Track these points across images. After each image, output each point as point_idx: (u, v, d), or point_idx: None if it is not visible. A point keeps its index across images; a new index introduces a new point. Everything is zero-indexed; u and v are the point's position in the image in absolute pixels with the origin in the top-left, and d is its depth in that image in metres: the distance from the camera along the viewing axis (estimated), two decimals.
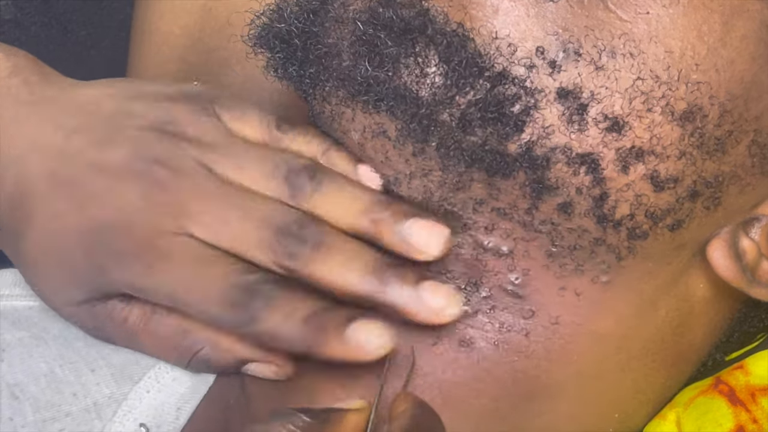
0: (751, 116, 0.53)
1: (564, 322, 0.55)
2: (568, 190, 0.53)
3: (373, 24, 0.52)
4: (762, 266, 0.56)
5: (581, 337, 0.55)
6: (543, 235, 0.54)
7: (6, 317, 0.60)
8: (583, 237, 0.54)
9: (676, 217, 0.54)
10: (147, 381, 0.58)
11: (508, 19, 0.51)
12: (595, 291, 0.55)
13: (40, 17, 0.83)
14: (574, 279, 0.55)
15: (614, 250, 0.54)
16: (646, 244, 0.54)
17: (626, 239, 0.54)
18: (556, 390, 0.56)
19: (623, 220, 0.53)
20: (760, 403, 0.58)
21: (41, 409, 0.57)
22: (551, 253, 0.54)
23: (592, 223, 0.53)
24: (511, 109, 0.51)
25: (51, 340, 0.59)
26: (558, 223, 0.54)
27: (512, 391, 0.55)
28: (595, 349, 0.56)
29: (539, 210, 0.53)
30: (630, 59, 0.51)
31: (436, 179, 0.54)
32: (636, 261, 0.55)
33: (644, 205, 0.53)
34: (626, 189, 0.53)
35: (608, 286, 0.55)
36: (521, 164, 0.52)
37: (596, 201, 0.53)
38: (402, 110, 0.52)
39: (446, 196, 0.54)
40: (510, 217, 0.54)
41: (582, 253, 0.54)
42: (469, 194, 0.54)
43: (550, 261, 0.55)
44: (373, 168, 0.55)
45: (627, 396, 0.58)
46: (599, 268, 0.55)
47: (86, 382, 0.58)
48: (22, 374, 0.58)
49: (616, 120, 0.52)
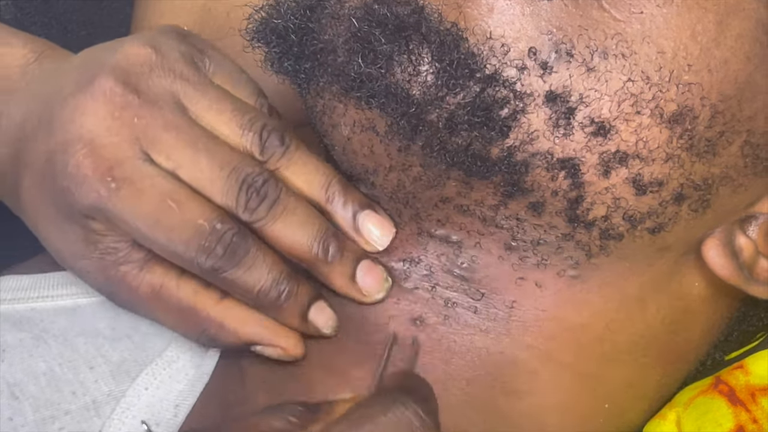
0: (744, 117, 0.53)
1: (522, 307, 0.55)
2: (542, 193, 0.53)
3: (368, 21, 0.52)
4: (759, 264, 0.56)
5: (545, 322, 0.56)
6: (503, 230, 0.54)
7: (7, 319, 0.60)
8: (550, 233, 0.54)
9: (658, 220, 0.54)
10: (145, 378, 0.58)
11: (503, 18, 0.51)
12: (561, 283, 0.55)
13: (40, 17, 0.83)
14: (535, 271, 0.55)
15: (584, 247, 0.54)
16: (621, 245, 0.54)
17: (598, 238, 0.54)
18: (530, 372, 0.56)
19: (596, 221, 0.53)
20: (760, 403, 0.57)
21: (41, 408, 0.57)
22: (510, 246, 0.55)
23: (563, 222, 0.54)
24: (498, 113, 0.51)
25: (51, 339, 0.59)
26: (524, 219, 0.54)
27: (483, 370, 0.56)
28: (564, 335, 0.56)
29: (507, 207, 0.54)
30: (622, 60, 0.51)
31: (413, 174, 0.54)
32: (610, 260, 0.55)
33: (622, 208, 0.53)
34: (605, 192, 0.53)
35: (577, 280, 0.55)
36: (500, 168, 0.52)
37: (570, 203, 0.53)
38: (392, 108, 0.52)
39: (415, 191, 0.55)
40: (471, 213, 0.54)
41: (546, 248, 0.54)
42: (439, 192, 0.54)
43: (507, 253, 0.55)
44: (354, 159, 0.55)
45: (618, 389, 0.58)
46: (566, 263, 0.55)
47: (85, 380, 0.58)
48: (21, 374, 0.58)
49: (602, 124, 0.51)
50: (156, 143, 0.54)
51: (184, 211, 0.54)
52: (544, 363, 0.56)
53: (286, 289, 0.55)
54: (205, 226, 0.54)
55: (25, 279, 0.62)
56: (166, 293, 0.56)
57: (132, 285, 0.56)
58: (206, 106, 0.56)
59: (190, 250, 0.54)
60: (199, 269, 0.54)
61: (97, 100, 0.55)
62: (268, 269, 0.55)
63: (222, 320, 0.56)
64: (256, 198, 0.54)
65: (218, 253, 0.54)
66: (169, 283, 0.56)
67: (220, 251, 0.54)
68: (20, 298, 0.61)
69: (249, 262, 0.54)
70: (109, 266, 0.56)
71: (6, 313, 0.60)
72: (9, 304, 0.61)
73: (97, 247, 0.56)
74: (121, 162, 0.54)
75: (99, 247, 0.55)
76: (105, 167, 0.54)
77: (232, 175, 0.54)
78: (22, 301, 0.61)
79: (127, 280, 0.56)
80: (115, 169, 0.54)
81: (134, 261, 0.56)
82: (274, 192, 0.55)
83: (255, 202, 0.54)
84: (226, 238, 0.54)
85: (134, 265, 0.56)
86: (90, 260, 0.56)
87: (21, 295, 0.61)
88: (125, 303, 0.57)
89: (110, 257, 0.56)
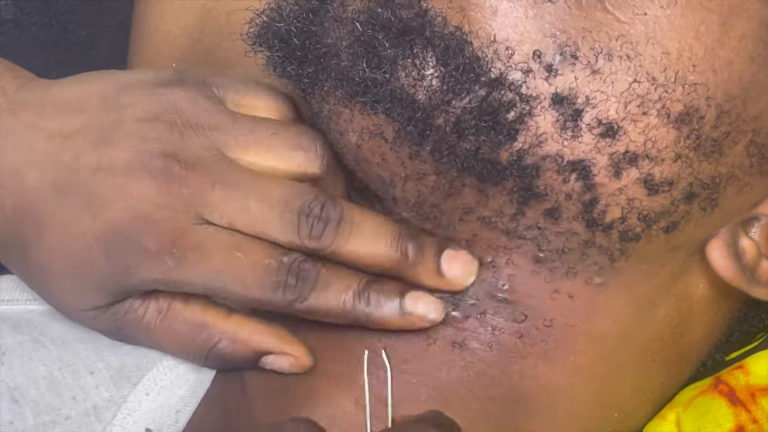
0: (750, 116, 0.53)
1: (558, 325, 0.55)
2: (556, 197, 0.53)
3: (372, 24, 0.52)
4: (762, 266, 0.56)
5: (577, 337, 0.56)
6: (528, 241, 0.54)
7: (6, 321, 0.60)
8: (572, 240, 0.54)
9: (671, 219, 0.54)
10: (146, 383, 0.58)
11: (507, 21, 0.51)
12: (589, 292, 0.55)
13: (40, 17, 0.82)
14: (566, 281, 0.55)
15: (606, 252, 0.54)
16: (639, 246, 0.54)
17: (618, 241, 0.54)
18: (552, 390, 0.56)
19: (614, 223, 0.53)
20: (760, 403, 0.57)
21: (41, 413, 0.57)
22: (538, 258, 0.55)
23: (581, 227, 0.53)
24: (505, 117, 0.51)
25: (50, 343, 0.59)
26: (545, 227, 0.54)
27: (508, 391, 0.56)
28: (591, 349, 0.56)
29: (525, 216, 0.53)
30: (626, 62, 0.51)
31: (430, 183, 0.54)
32: (630, 263, 0.55)
33: (636, 208, 0.53)
34: (618, 194, 0.53)
35: (602, 287, 0.55)
36: (511, 172, 0.52)
37: (585, 206, 0.53)
38: (398, 113, 0.52)
39: (438, 202, 0.54)
40: (494, 225, 0.54)
41: (572, 256, 0.54)
42: (460, 201, 0.54)
43: (538, 266, 0.55)
44: (368, 168, 0.55)
45: (627, 396, 0.58)
46: (592, 270, 0.55)
47: (85, 385, 0.58)
48: (22, 377, 0.58)
49: (610, 125, 0.51)
50: (207, 205, 0.54)
51: (251, 257, 0.54)
52: (571, 379, 0.56)
53: (373, 293, 0.55)
54: (273, 264, 0.54)
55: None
56: (173, 314, 0.56)
57: (138, 316, 0.56)
58: (243, 144, 0.56)
59: (266, 292, 0.54)
60: (280, 306, 0.55)
61: (142, 181, 0.54)
62: (346, 283, 0.55)
63: (234, 332, 0.56)
64: (319, 224, 0.54)
65: (291, 284, 0.54)
66: (176, 305, 0.56)
67: (293, 281, 0.54)
68: (18, 299, 0.61)
69: (324, 282, 0.54)
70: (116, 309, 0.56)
71: (5, 315, 0.60)
72: (7, 305, 0.61)
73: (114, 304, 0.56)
74: (181, 232, 0.54)
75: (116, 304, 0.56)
76: (167, 241, 0.54)
77: (286, 209, 0.54)
78: (21, 303, 0.61)
79: (132, 311, 0.56)
80: (177, 241, 0.54)
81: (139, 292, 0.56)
82: (335, 212, 0.54)
83: (318, 229, 0.54)
84: (294, 267, 0.54)
85: (138, 295, 0.56)
86: (96, 311, 0.56)
87: (18, 296, 0.61)
88: (130, 334, 0.57)
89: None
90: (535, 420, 0.56)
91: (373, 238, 0.55)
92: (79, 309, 0.57)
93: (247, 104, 0.58)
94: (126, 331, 0.57)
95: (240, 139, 0.56)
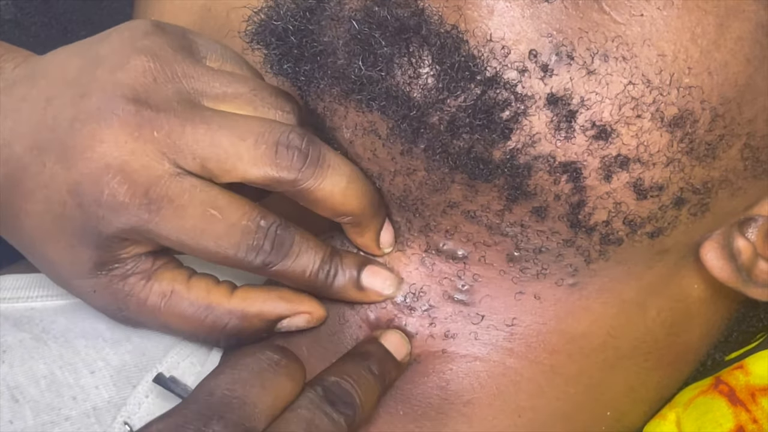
0: (744, 120, 0.53)
1: (522, 323, 0.56)
2: (545, 197, 0.53)
3: (368, 23, 0.52)
4: (758, 266, 0.56)
5: (548, 336, 0.56)
6: (508, 238, 0.54)
7: (7, 319, 0.60)
8: (552, 239, 0.54)
9: (658, 224, 0.54)
10: (145, 385, 0.58)
11: (503, 21, 0.51)
12: (559, 293, 0.55)
13: (40, 17, 0.82)
14: (534, 283, 0.55)
15: (583, 252, 0.54)
16: (620, 250, 0.54)
17: (598, 243, 0.54)
18: (531, 388, 0.56)
19: (597, 226, 0.53)
20: (760, 403, 0.57)
21: (41, 413, 0.57)
22: (513, 257, 0.55)
23: (564, 227, 0.53)
24: (500, 115, 0.51)
25: (51, 340, 0.59)
26: (528, 225, 0.54)
27: (482, 392, 0.56)
28: (569, 347, 0.56)
29: (512, 212, 0.54)
30: (622, 63, 0.51)
31: (419, 179, 0.54)
32: (609, 264, 0.55)
33: (623, 213, 0.53)
34: (606, 197, 0.52)
35: (575, 288, 0.55)
36: (503, 171, 0.52)
37: (573, 207, 0.53)
38: (393, 110, 0.52)
39: (422, 196, 0.55)
40: (478, 219, 0.54)
41: (547, 256, 0.55)
42: (447, 196, 0.54)
43: (509, 266, 0.55)
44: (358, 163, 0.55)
45: (619, 395, 0.58)
46: (565, 271, 0.55)
47: (85, 385, 0.58)
48: (22, 376, 0.58)
49: (603, 127, 0.51)
50: (179, 148, 0.54)
51: (227, 216, 0.54)
52: (549, 378, 0.56)
53: (334, 265, 0.56)
54: (250, 226, 0.54)
55: (25, 278, 0.62)
56: (177, 298, 0.56)
57: (140, 297, 0.56)
58: (219, 95, 0.56)
59: (240, 252, 0.54)
60: (249, 267, 0.55)
61: (113, 125, 0.54)
62: (314, 253, 0.56)
63: (241, 309, 0.56)
64: (300, 156, 0.54)
65: (267, 249, 0.55)
66: (179, 288, 0.56)
67: (268, 246, 0.55)
68: (19, 297, 0.61)
69: (296, 251, 0.55)
70: (115, 281, 0.56)
71: (6, 313, 0.60)
72: (9, 303, 0.61)
73: (107, 266, 0.56)
74: (155, 182, 0.54)
75: (109, 265, 0.56)
76: (141, 191, 0.54)
77: (261, 140, 0.54)
78: (22, 300, 0.61)
79: (135, 292, 0.56)
80: (151, 191, 0.54)
81: (140, 272, 0.56)
82: (315, 148, 0.55)
83: (299, 161, 0.54)
84: (270, 233, 0.55)
85: (141, 276, 0.56)
86: (97, 278, 0.56)
87: (20, 294, 0.61)
88: (134, 318, 0.57)
89: (117, 271, 0.56)
90: (521, 420, 0.56)
91: (349, 182, 0.55)
92: (72, 276, 0.56)
93: (228, 70, 0.58)
94: (128, 314, 0.57)
95: (217, 90, 0.56)
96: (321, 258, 0.56)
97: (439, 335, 0.56)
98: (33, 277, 0.62)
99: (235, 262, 0.55)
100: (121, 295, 0.56)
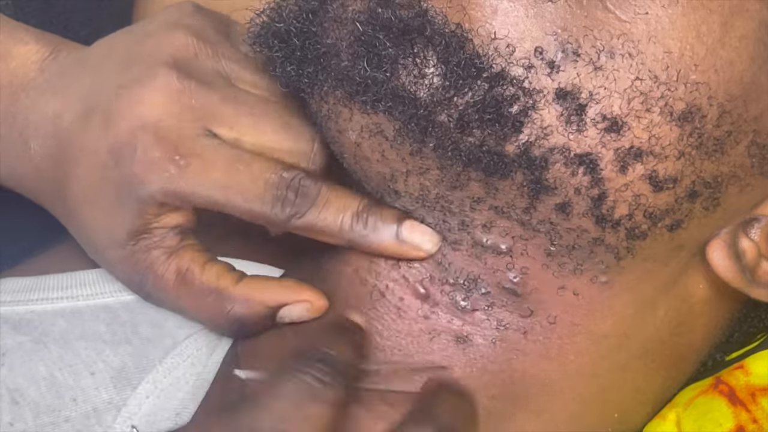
0: (750, 117, 0.53)
1: (561, 322, 0.55)
2: (566, 191, 0.53)
3: (372, 24, 0.52)
4: (762, 267, 0.56)
5: (579, 336, 0.56)
6: (541, 234, 0.54)
7: (7, 321, 0.60)
8: (582, 237, 0.54)
9: (675, 217, 0.54)
10: (146, 386, 0.58)
11: (507, 20, 0.51)
12: (593, 291, 0.55)
13: (40, 17, 0.83)
14: (572, 278, 0.55)
15: (613, 250, 0.54)
16: (645, 245, 0.54)
17: (625, 239, 0.54)
18: (554, 389, 0.56)
19: (622, 220, 0.53)
20: (760, 403, 0.57)
21: (41, 414, 0.57)
22: (550, 252, 0.55)
23: (591, 223, 0.53)
24: (509, 110, 0.51)
25: (51, 342, 0.59)
26: (556, 222, 0.54)
27: (510, 389, 0.56)
28: (593, 348, 0.56)
29: (537, 210, 0.53)
30: (629, 59, 0.51)
31: (434, 177, 0.54)
32: (635, 261, 0.55)
33: (643, 205, 0.53)
34: (625, 189, 0.53)
35: (607, 286, 0.55)
36: (519, 165, 0.52)
37: (594, 201, 0.53)
38: (400, 111, 0.52)
39: (443, 193, 0.54)
40: (508, 215, 0.54)
41: (581, 253, 0.54)
42: (467, 193, 0.54)
43: (549, 260, 0.55)
44: (367, 166, 0.56)
45: (627, 396, 0.58)
46: (598, 268, 0.55)
47: (85, 387, 0.58)
48: (22, 378, 0.58)
49: (614, 120, 0.51)
50: (217, 118, 0.57)
51: (252, 170, 0.56)
52: (572, 380, 0.56)
53: (371, 216, 0.56)
54: (273, 178, 0.56)
55: (25, 281, 0.62)
56: (191, 277, 0.57)
57: (159, 272, 0.57)
58: (250, 81, 0.59)
59: (266, 204, 0.56)
60: (278, 221, 0.56)
61: (155, 90, 0.56)
62: (345, 202, 0.56)
63: (245, 295, 0.57)
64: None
65: (291, 198, 0.56)
66: (194, 268, 0.57)
67: (293, 196, 0.56)
68: (19, 300, 0.61)
69: (323, 200, 0.56)
70: (140, 252, 0.57)
71: (5, 316, 0.60)
72: (8, 306, 0.61)
73: (138, 235, 0.57)
74: (185, 140, 0.56)
75: (139, 235, 0.57)
76: (171, 148, 0.56)
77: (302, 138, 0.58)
78: (22, 303, 0.61)
79: (155, 266, 0.57)
80: (181, 148, 0.56)
81: (165, 247, 0.57)
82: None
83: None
84: (294, 183, 0.56)
85: (164, 250, 0.57)
86: (125, 249, 0.57)
87: (20, 297, 0.61)
88: (151, 291, 0.58)
89: (144, 242, 0.57)
90: (537, 419, 0.56)
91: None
92: (106, 245, 0.58)
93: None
94: (148, 289, 0.58)
95: (249, 76, 0.59)
96: (355, 209, 0.56)
97: (494, 323, 0.56)
98: (32, 279, 0.62)
99: (264, 217, 0.56)
100: (143, 266, 0.58)
